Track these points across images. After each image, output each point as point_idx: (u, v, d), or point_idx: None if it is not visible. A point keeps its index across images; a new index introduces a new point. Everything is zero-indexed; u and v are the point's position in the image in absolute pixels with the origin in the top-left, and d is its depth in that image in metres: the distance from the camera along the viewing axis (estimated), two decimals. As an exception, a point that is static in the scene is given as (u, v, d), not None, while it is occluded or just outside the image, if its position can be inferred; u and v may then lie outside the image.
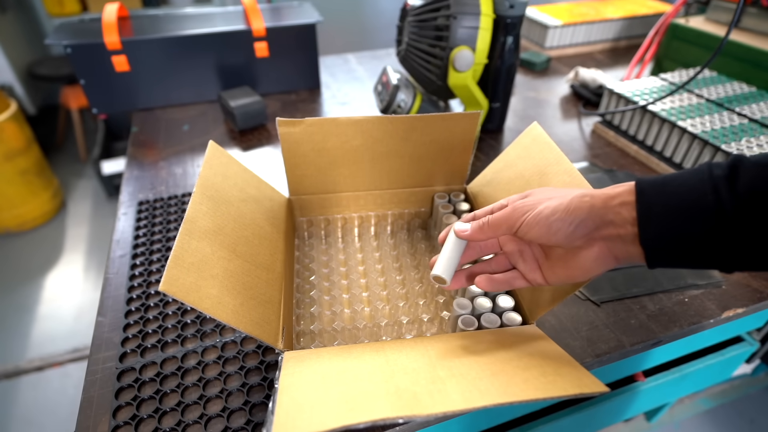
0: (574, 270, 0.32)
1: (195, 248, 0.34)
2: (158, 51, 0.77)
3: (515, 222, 0.32)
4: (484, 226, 0.34)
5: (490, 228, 0.34)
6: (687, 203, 0.26)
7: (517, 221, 0.32)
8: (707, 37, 0.82)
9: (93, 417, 0.38)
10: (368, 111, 0.83)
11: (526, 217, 0.31)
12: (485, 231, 0.34)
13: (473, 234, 0.35)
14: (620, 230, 0.28)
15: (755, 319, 0.58)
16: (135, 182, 0.65)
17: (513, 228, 0.33)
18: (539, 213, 0.31)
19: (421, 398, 0.25)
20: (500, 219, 0.33)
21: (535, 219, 0.31)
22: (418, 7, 0.68)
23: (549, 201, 0.31)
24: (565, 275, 0.33)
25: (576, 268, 0.31)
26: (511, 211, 0.32)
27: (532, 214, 0.31)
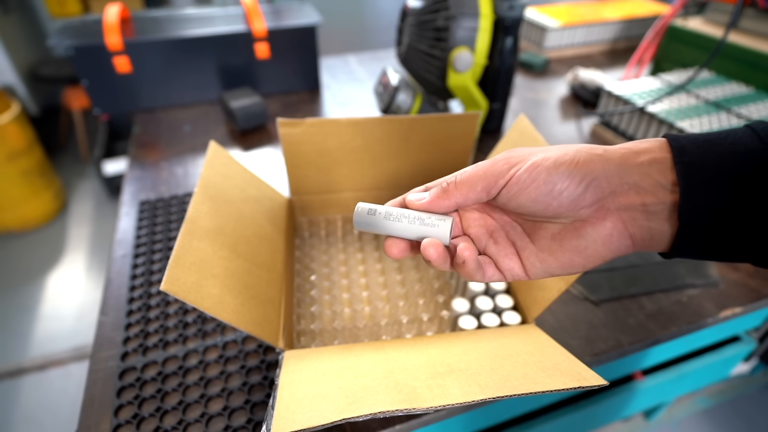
0: (571, 254, 0.23)
1: (196, 248, 0.34)
2: (160, 52, 0.78)
3: (497, 179, 0.23)
4: (449, 188, 0.24)
5: (458, 190, 0.24)
6: (747, 165, 0.19)
7: (500, 178, 0.23)
8: (706, 39, 0.83)
9: (95, 415, 0.38)
10: (368, 112, 0.83)
11: (516, 172, 0.23)
12: (451, 195, 0.24)
13: (433, 202, 0.25)
14: (647, 198, 0.21)
15: (753, 318, 0.59)
16: (136, 182, 0.65)
17: (492, 188, 0.23)
18: (536, 165, 0.22)
19: (421, 392, 0.25)
20: (473, 177, 0.24)
21: (530, 173, 0.22)
22: (418, 8, 0.69)
23: (545, 152, 0.23)
24: (557, 263, 0.24)
25: (576, 252, 0.23)
26: (490, 165, 0.23)
27: (525, 167, 0.22)
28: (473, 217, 0.27)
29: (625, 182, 0.21)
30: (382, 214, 0.26)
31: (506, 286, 0.46)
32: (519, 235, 0.26)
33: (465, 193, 0.24)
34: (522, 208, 0.23)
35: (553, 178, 0.22)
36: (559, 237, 0.24)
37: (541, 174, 0.22)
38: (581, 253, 0.23)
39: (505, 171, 0.23)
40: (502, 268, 0.25)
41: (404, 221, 0.26)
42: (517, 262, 0.25)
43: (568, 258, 0.23)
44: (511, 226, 0.26)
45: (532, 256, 0.25)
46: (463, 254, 0.24)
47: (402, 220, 0.26)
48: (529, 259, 0.25)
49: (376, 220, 0.26)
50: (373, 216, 0.26)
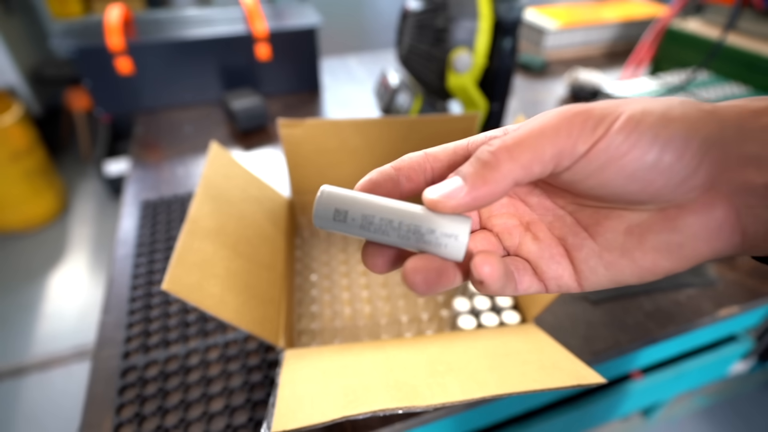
0: (657, 255, 0.16)
1: (197, 248, 0.34)
2: (162, 54, 0.78)
3: (575, 143, 0.15)
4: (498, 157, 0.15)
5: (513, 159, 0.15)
6: None
7: (580, 141, 0.15)
8: (704, 41, 0.83)
9: (97, 414, 0.38)
10: (368, 112, 0.83)
11: (605, 133, 0.14)
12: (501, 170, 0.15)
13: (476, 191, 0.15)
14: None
15: (750, 317, 0.59)
16: (138, 183, 0.66)
17: (567, 156, 0.15)
18: (635, 121, 0.14)
19: (420, 390, 0.26)
20: (537, 137, 0.15)
21: (628, 134, 0.14)
22: (418, 10, 0.69)
23: (637, 102, 0.15)
24: (633, 267, 0.16)
25: (665, 251, 0.16)
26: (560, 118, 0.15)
27: (619, 124, 0.14)
28: (500, 203, 0.19)
29: (743, 153, 0.14)
30: (357, 221, 0.17)
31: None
32: (570, 229, 0.18)
33: (526, 163, 0.15)
34: (603, 188, 0.15)
35: (661, 144, 0.14)
36: (639, 231, 0.16)
37: (645, 136, 0.14)
38: (673, 253, 0.16)
39: (588, 131, 0.15)
40: (546, 276, 0.18)
41: (392, 234, 0.17)
42: (568, 267, 0.17)
43: (650, 260, 0.16)
44: (556, 216, 0.18)
45: (592, 258, 0.17)
46: (480, 271, 0.15)
47: (389, 233, 0.17)
48: (587, 263, 0.17)
49: (348, 227, 0.17)
50: (342, 222, 0.17)
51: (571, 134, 0.15)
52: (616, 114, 0.15)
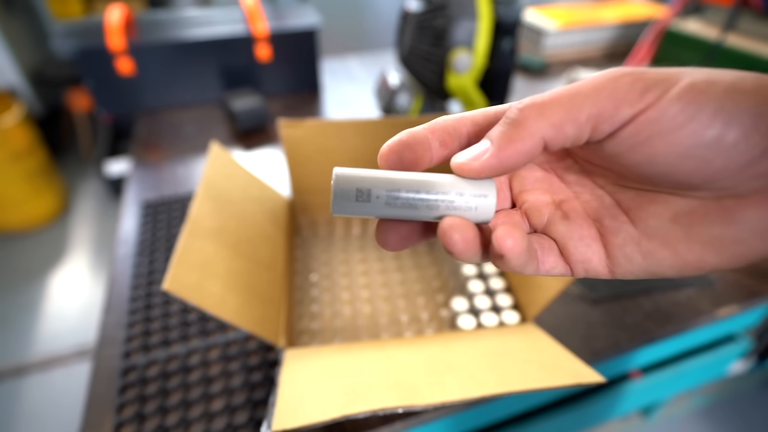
0: (705, 249, 0.14)
1: (198, 248, 0.35)
2: (163, 55, 0.78)
3: (618, 106, 0.13)
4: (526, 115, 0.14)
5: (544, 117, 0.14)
6: None
7: (625, 105, 0.13)
8: (703, 41, 0.83)
9: (98, 413, 0.39)
10: (368, 112, 0.83)
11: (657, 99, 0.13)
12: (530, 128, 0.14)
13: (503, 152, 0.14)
14: None
15: (749, 316, 0.59)
16: (139, 183, 0.66)
17: (608, 121, 0.13)
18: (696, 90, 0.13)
19: (420, 389, 0.26)
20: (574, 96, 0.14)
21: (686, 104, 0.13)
22: (418, 10, 0.69)
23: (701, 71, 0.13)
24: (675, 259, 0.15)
25: (715, 245, 0.14)
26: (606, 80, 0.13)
27: (675, 92, 0.13)
28: (534, 177, 0.17)
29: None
30: (382, 198, 0.15)
31: (506, 285, 0.47)
32: (608, 211, 0.16)
33: (558, 121, 0.13)
34: (651, 165, 0.13)
35: (726, 117, 0.12)
36: (688, 220, 0.14)
37: (706, 108, 0.12)
38: (725, 249, 0.14)
39: (636, 95, 0.13)
40: (572, 258, 0.16)
41: (421, 207, 0.15)
42: (599, 251, 0.16)
43: (697, 254, 0.14)
44: (594, 195, 0.16)
45: (629, 245, 0.15)
46: (502, 244, 0.14)
47: (417, 206, 0.15)
48: (623, 250, 0.15)
49: (372, 207, 0.15)
50: (366, 203, 0.15)
51: (614, 95, 0.13)
52: (675, 80, 0.13)
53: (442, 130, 0.16)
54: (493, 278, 0.48)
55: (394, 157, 0.16)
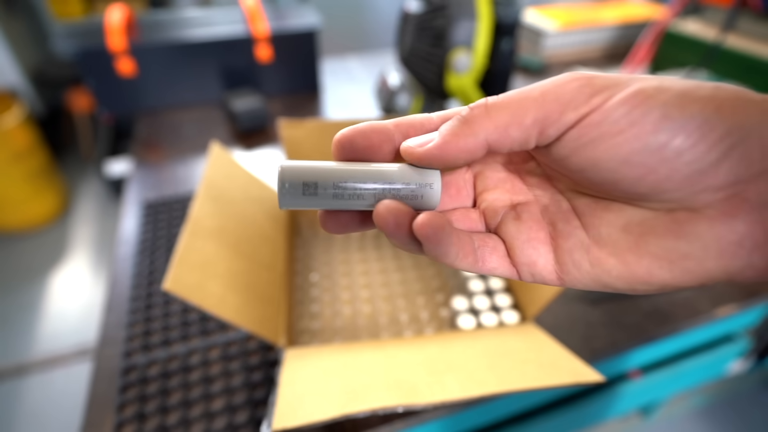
0: (654, 262, 0.14)
1: (198, 248, 0.35)
2: (163, 55, 0.78)
3: (563, 110, 0.13)
4: (476, 115, 0.14)
5: (491, 118, 0.14)
6: None
7: (570, 108, 0.13)
8: (702, 43, 0.83)
9: (99, 413, 0.39)
10: (368, 113, 0.84)
11: (602, 103, 0.13)
12: (477, 126, 0.14)
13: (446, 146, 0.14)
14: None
15: (748, 316, 0.59)
16: (140, 183, 0.66)
17: (553, 124, 0.13)
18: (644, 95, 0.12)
19: (420, 389, 0.26)
20: (521, 100, 0.14)
21: (631, 109, 0.12)
22: (418, 11, 0.69)
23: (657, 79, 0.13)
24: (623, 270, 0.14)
25: (664, 259, 0.13)
26: (554, 85, 0.13)
27: (621, 96, 0.13)
28: (497, 177, 0.17)
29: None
30: (329, 191, 0.15)
31: (505, 285, 0.47)
32: (564, 215, 0.16)
33: (503, 124, 0.14)
34: (594, 170, 0.13)
35: (671, 124, 0.12)
36: (639, 230, 0.14)
37: (652, 113, 0.12)
38: (674, 264, 0.13)
39: (582, 98, 0.13)
40: (518, 260, 0.16)
41: (368, 197, 0.15)
42: (545, 255, 0.16)
43: (646, 266, 0.14)
44: (553, 200, 0.16)
45: (578, 250, 0.15)
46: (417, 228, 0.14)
47: (364, 197, 0.15)
48: (572, 255, 0.15)
49: (319, 200, 0.15)
50: (313, 196, 0.15)
51: (560, 99, 0.13)
52: (624, 85, 0.13)
53: (407, 124, 0.16)
54: (492, 278, 0.48)
55: (347, 143, 0.15)
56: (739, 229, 0.12)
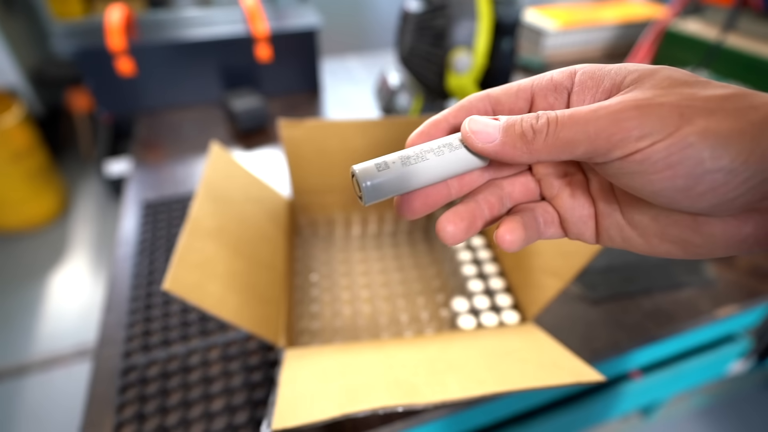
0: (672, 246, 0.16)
1: (198, 248, 0.35)
2: (163, 55, 0.78)
3: (611, 149, 0.14)
4: (538, 137, 0.16)
5: (547, 147, 0.15)
6: None
7: (617, 148, 0.14)
8: (703, 43, 0.83)
9: (98, 413, 0.39)
10: (368, 112, 0.83)
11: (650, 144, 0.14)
12: (534, 149, 0.16)
13: (504, 150, 0.16)
14: None
15: (749, 316, 0.59)
16: (139, 183, 0.66)
17: (603, 155, 0.15)
18: (686, 143, 0.13)
19: (420, 388, 0.26)
20: (582, 128, 0.15)
21: (670, 155, 0.14)
22: (418, 11, 0.69)
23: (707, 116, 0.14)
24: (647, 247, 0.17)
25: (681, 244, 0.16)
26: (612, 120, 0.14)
27: (669, 142, 0.14)
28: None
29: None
30: (397, 162, 0.17)
31: (505, 285, 0.47)
32: (606, 198, 0.18)
33: (556, 151, 0.15)
34: (631, 189, 0.15)
35: (703, 172, 0.13)
36: (665, 222, 0.16)
37: (687, 160, 0.13)
38: (688, 248, 0.16)
39: (631, 140, 0.14)
40: (569, 230, 0.19)
41: (430, 157, 0.17)
42: (592, 228, 0.18)
43: (666, 248, 0.17)
44: (599, 182, 0.18)
45: (613, 228, 0.18)
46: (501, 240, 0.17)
47: (427, 157, 0.17)
48: (609, 231, 0.18)
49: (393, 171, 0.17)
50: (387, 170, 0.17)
51: (611, 139, 0.14)
52: (674, 125, 0.14)
53: (466, 112, 0.18)
54: (493, 278, 0.48)
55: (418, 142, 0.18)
56: (746, 231, 0.15)
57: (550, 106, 0.18)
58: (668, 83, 0.15)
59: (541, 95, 0.18)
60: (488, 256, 0.50)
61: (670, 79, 0.15)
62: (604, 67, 0.17)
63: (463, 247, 0.51)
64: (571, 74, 0.17)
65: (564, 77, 0.17)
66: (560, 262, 0.38)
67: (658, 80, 0.15)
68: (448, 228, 0.17)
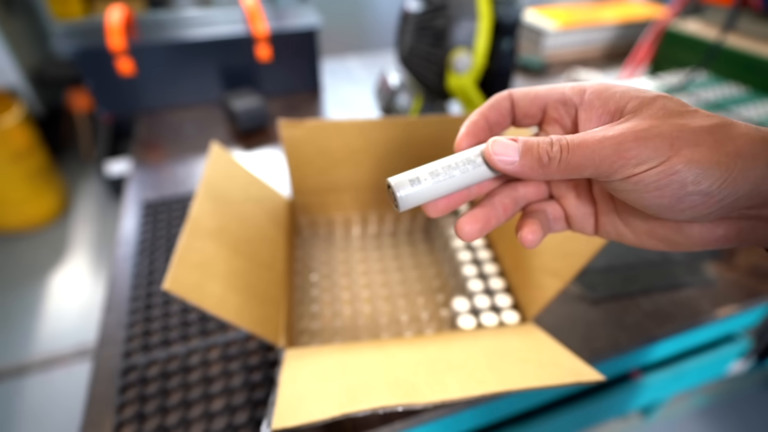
0: (658, 242, 0.20)
1: (198, 248, 0.35)
2: (163, 55, 0.78)
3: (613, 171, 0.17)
4: (551, 163, 0.18)
5: (560, 169, 0.18)
6: None
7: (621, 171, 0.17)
8: (703, 43, 0.83)
9: (98, 413, 0.39)
10: (369, 112, 0.84)
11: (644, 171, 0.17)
12: (548, 171, 0.19)
13: (522, 171, 0.19)
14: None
15: (749, 316, 0.59)
16: (139, 183, 0.66)
17: (606, 177, 0.18)
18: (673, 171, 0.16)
19: (420, 388, 0.26)
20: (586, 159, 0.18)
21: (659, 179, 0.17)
22: (418, 10, 0.69)
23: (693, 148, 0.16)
24: (636, 240, 0.21)
25: (664, 241, 0.20)
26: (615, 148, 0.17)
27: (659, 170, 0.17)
28: None
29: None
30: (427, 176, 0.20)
31: (506, 285, 0.47)
32: (605, 201, 0.22)
33: (567, 173, 0.18)
34: (628, 202, 0.19)
35: (685, 194, 0.17)
36: (653, 224, 0.20)
37: (672, 184, 0.17)
38: (671, 243, 0.20)
39: (630, 166, 0.17)
40: (573, 225, 0.23)
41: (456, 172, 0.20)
42: (592, 224, 0.22)
43: (652, 243, 0.21)
44: (599, 185, 0.22)
45: (609, 225, 0.22)
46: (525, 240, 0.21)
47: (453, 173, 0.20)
48: (605, 227, 0.22)
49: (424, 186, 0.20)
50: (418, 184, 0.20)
51: (613, 165, 0.17)
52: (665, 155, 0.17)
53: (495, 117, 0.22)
54: (493, 278, 0.48)
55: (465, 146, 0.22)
56: (719, 232, 0.19)
57: (560, 117, 0.21)
58: (663, 113, 0.17)
59: (553, 107, 0.21)
60: (488, 256, 0.50)
61: (665, 109, 0.18)
62: (610, 89, 0.19)
63: (463, 247, 0.51)
64: (581, 91, 0.20)
65: (574, 93, 0.20)
66: (560, 262, 0.38)
67: (654, 110, 0.18)
68: (465, 228, 0.21)
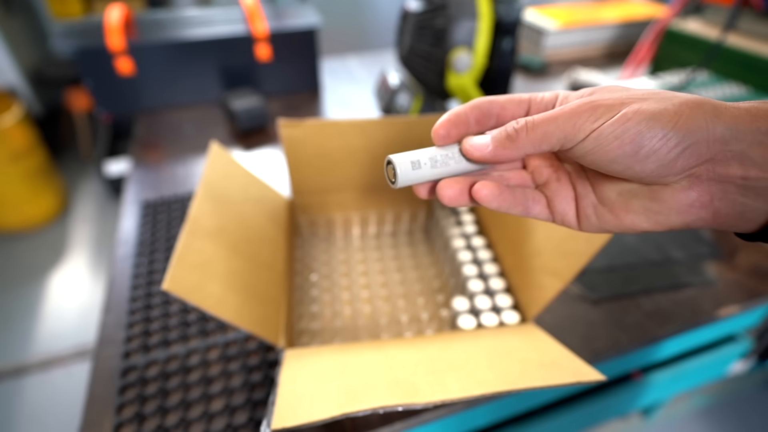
0: (637, 216, 0.21)
1: (198, 248, 0.34)
2: (163, 54, 0.78)
3: (576, 133, 0.19)
4: (519, 135, 0.20)
5: (529, 139, 0.20)
6: None
7: (580, 132, 0.19)
8: (703, 42, 0.83)
9: (97, 413, 0.39)
10: (368, 112, 0.83)
11: (601, 124, 0.19)
12: (519, 144, 0.20)
13: (497, 153, 0.21)
14: (752, 171, 0.18)
15: (749, 317, 0.59)
16: (139, 183, 0.66)
17: (571, 140, 0.19)
18: (625, 118, 0.18)
19: (420, 388, 0.26)
20: (550, 126, 0.20)
21: (615, 128, 0.18)
22: (418, 10, 0.69)
23: (642, 101, 0.19)
24: (616, 222, 0.21)
25: (643, 214, 0.20)
26: (571, 114, 0.19)
27: (612, 120, 0.19)
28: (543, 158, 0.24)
29: (731, 149, 0.18)
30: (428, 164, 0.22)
31: (506, 285, 0.47)
32: (581, 182, 0.22)
33: (537, 143, 0.20)
34: (596, 165, 0.20)
35: (642, 138, 0.18)
36: (627, 195, 0.21)
37: (629, 130, 0.18)
38: (650, 217, 0.20)
39: (589, 123, 0.19)
40: (555, 210, 0.23)
41: (451, 163, 0.22)
42: (573, 209, 0.22)
43: (631, 220, 0.21)
44: (575, 169, 0.23)
45: (589, 207, 0.22)
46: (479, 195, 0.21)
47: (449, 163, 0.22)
48: (585, 211, 0.22)
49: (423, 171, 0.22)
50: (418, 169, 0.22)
51: (575, 124, 0.19)
52: (616, 110, 0.19)
53: (479, 113, 0.22)
54: (493, 278, 0.48)
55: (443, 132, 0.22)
56: (692, 196, 0.19)
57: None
58: (609, 90, 0.20)
59: (535, 110, 0.23)
60: (488, 256, 0.50)
61: (611, 88, 0.20)
62: (575, 93, 0.22)
63: (463, 248, 0.51)
64: (555, 96, 0.22)
65: (551, 98, 0.23)
66: (560, 263, 0.38)
67: (603, 89, 0.20)
68: (446, 191, 0.22)
